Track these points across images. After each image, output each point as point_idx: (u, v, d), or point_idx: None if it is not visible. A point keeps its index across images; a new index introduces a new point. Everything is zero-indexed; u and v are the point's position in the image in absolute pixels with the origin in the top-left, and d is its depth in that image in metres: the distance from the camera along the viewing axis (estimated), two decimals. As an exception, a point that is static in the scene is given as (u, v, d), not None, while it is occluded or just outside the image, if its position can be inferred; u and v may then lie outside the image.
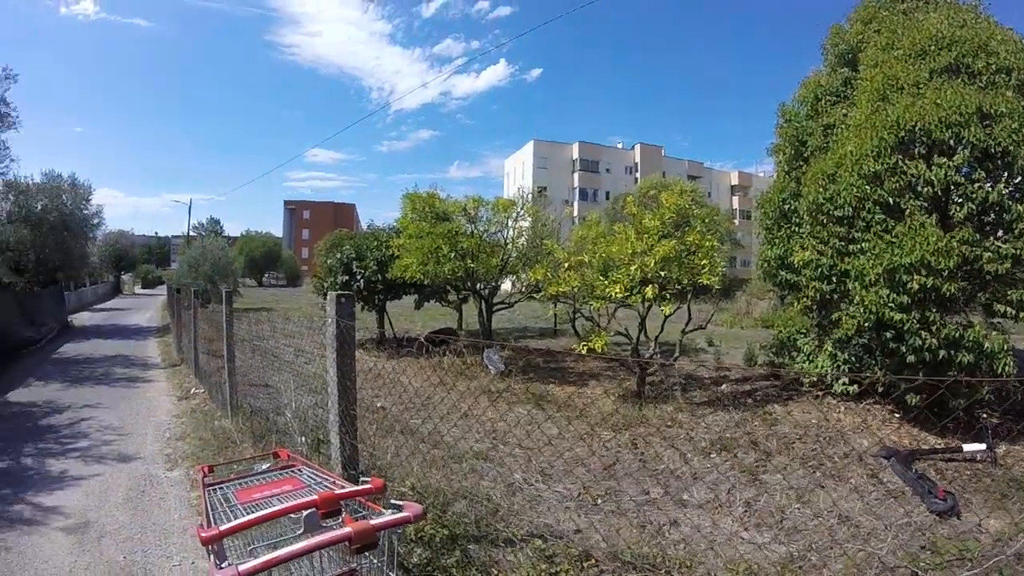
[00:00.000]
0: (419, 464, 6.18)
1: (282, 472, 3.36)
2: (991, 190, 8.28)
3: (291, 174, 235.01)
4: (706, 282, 10.27)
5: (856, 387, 9.82)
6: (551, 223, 17.32)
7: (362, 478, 2.84)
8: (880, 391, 9.48)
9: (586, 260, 11.12)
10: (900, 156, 8.64)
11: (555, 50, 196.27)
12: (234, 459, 6.09)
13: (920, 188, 8.48)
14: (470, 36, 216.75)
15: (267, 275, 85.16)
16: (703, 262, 10.37)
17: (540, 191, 20.68)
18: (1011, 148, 8.12)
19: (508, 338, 20.49)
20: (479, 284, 16.14)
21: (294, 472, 3.32)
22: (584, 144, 73.85)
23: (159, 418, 9.79)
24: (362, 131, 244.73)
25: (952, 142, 8.40)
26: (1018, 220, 8.12)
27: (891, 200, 8.58)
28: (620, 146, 77.94)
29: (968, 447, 7.52)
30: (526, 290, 16.45)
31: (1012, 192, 8.51)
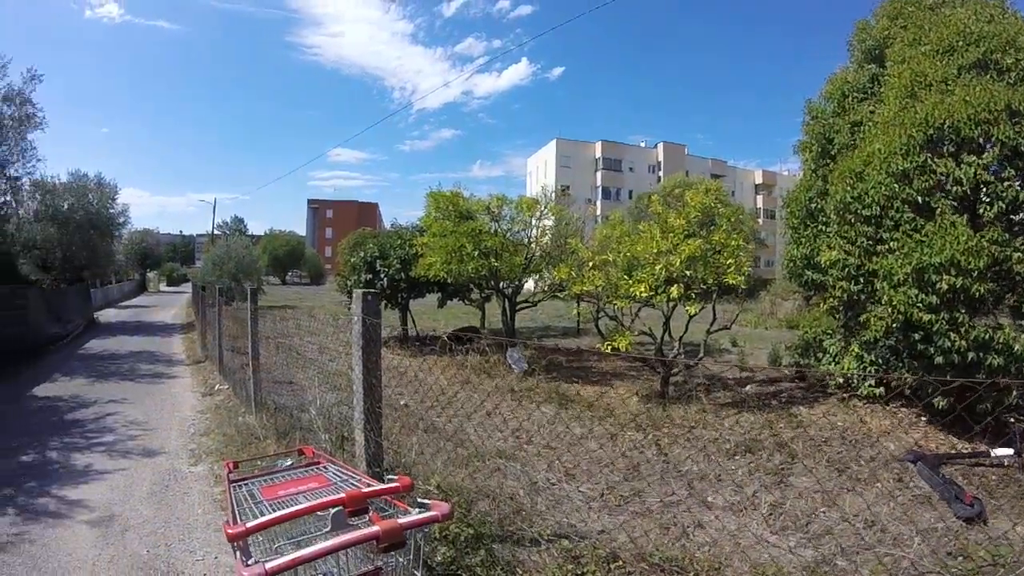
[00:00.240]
0: (443, 462, 6.16)
1: (307, 469, 3.35)
2: (1021, 189, 8.15)
3: (314, 173, 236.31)
4: (732, 282, 10.17)
5: (883, 389, 9.65)
6: (575, 222, 17.25)
7: (388, 476, 2.82)
8: (907, 394, 9.34)
9: (610, 259, 11.05)
10: (929, 154, 8.51)
11: (577, 48, 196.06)
12: (259, 455, 6.12)
13: (949, 187, 8.37)
14: (491, 35, 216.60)
15: (290, 273, 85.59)
16: (728, 261, 10.28)
17: (563, 190, 20.58)
18: (1041, 147, 7.99)
19: (531, 337, 20.46)
20: (502, 283, 16.10)
21: (319, 469, 3.31)
22: (607, 143, 73.54)
23: (183, 414, 9.86)
24: (385, 131, 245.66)
25: (981, 140, 8.29)
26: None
27: (920, 199, 8.45)
28: (643, 145, 77.50)
29: (996, 452, 7.40)
30: (549, 289, 16.42)
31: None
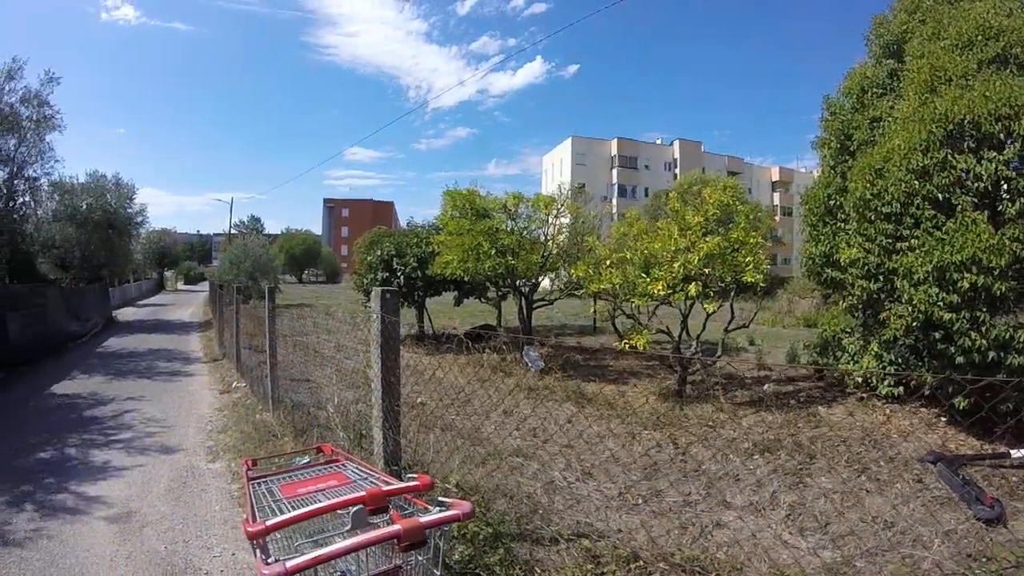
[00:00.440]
0: (460, 461, 6.16)
1: (326, 467, 3.35)
2: (1041, 185, 8.05)
3: (330, 172, 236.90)
4: (750, 280, 10.10)
5: (902, 389, 9.57)
6: (591, 219, 17.21)
7: (407, 474, 2.82)
8: (927, 394, 9.26)
9: (628, 257, 11.00)
10: (949, 150, 8.39)
11: (591, 46, 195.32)
12: (278, 453, 6.14)
13: (970, 183, 8.27)
14: (506, 33, 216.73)
15: (307, 272, 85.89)
16: (747, 259, 10.20)
17: (580, 187, 20.56)
18: (1062, 142, 7.89)
19: (548, 335, 20.44)
20: (519, 281, 16.08)
21: (338, 467, 3.31)
22: (623, 140, 73.29)
23: (201, 411, 9.92)
24: (400, 129, 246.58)
25: (1002, 135, 8.16)
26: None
27: (940, 196, 8.34)
28: (659, 142, 77.24)
29: (1017, 453, 7.30)
30: (566, 287, 16.39)
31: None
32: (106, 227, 25.17)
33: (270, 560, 1.99)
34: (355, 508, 2.39)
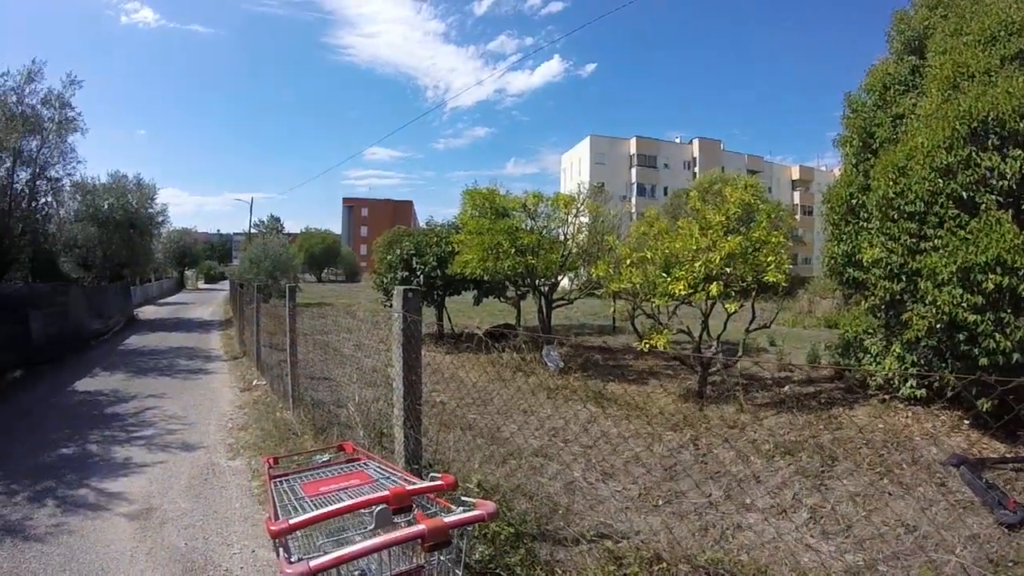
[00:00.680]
0: (480, 460, 6.15)
1: (348, 466, 3.34)
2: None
3: (350, 172, 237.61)
4: (772, 280, 9.97)
5: (924, 391, 9.46)
6: (611, 219, 17.15)
7: (431, 474, 2.81)
8: (950, 396, 9.15)
9: (648, 256, 10.93)
10: (974, 148, 8.26)
11: (609, 44, 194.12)
12: (299, 451, 6.16)
13: (994, 181, 8.16)
14: (523, 33, 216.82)
15: (326, 271, 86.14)
16: (769, 259, 10.09)
17: (599, 187, 20.51)
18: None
19: (567, 335, 20.40)
20: (539, 280, 16.05)
21: (360, 466, 3.30)
22: (642, 139, 73.00)
23: (222, 408, 9.99)
24: (419, 129, 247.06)
25: (1027, 132, 8.07)
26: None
27: (964, 194, 8.22)
28: (678, 140, 76.88)
29: (1042, 457, 7.24)
30: (585, 286, 16.35)
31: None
32: (127, 227, 25.52)
33: (293, 559, 1.98)
34: (379, 507, 2.39)
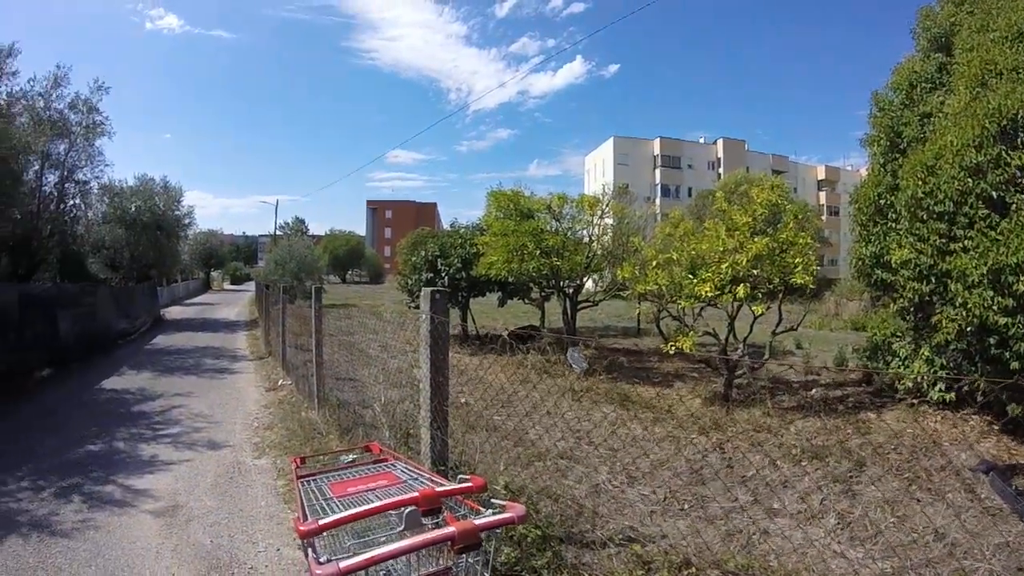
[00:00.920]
0: (505, 462, 6.13)
1: (376, 466, 3.34)
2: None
3: (373, 174, 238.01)
4: (799, 282, 9.84)
5: (954, 395, 9.30)
6: (636, 220, 17.08)
7: (460, 475, 2.79)
8: (979, 401, 9.01)
9: (674, 258, 10.86)
10: (1003, 146, 8.12)
11: (632, 45, 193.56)
12: (325, 451, 6.17)
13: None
14: (545, 34, 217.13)
15: (350, 272, 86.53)
16: (796, 260, 9.96)
17: (624, 188, 20.48)
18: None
19: (591, 337, 20.35)
20: (563, 282, 16.02)
21: (387, 467, 3.30)
22: (665, 139, 72.73)
23: (247, 408, 10.06)
24: (442, 131, 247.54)
25: (1058, 131, 7.92)
26: None
27: (995, 194, 8.07)
28: (702, 141, 76.48)
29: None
30: (610, 288, 16.29)
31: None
32: (154, 228, 25.86)
33: (322, 559, 1.98)
34: (408, 509, 2.38)
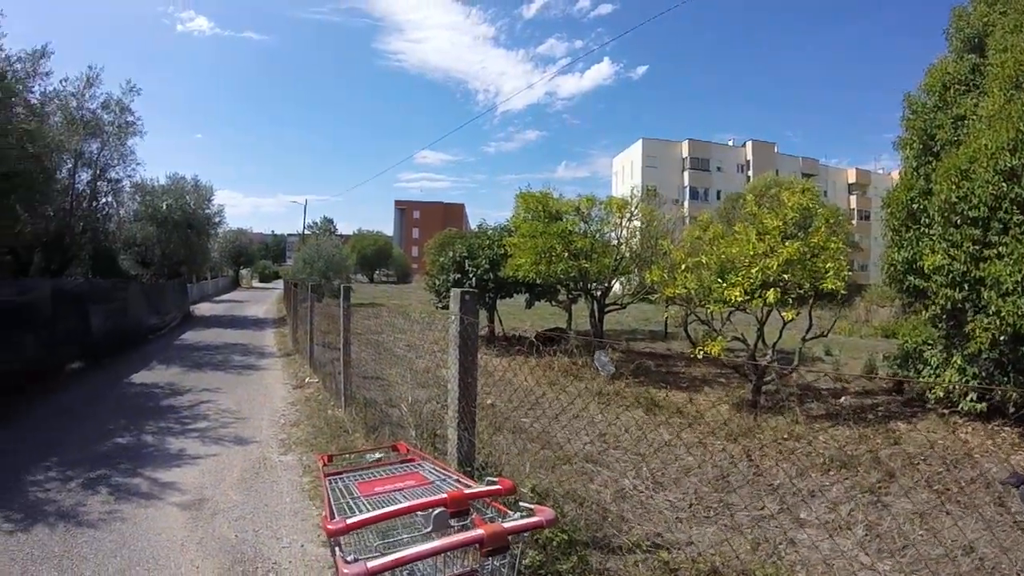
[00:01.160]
0: (530, 465, 6.11)
1: (403, 466, 3.32)
2: None
3: (401, 175, 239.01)
4: (830, 287, 9.68)
5: (985, 406, 9.12)
6: (664, 222, 16.98)
7: (488, 477, 2.77)
8: (1012, 412, 8.84)
9: (703, 261, 10.77)
10: (1039, 150, 8.01)
11: (660, 46, 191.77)
12: (352, 449, 6.20)
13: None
14: (573, 35, 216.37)
15: (378, 272, 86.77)
16: (828, 265, 9.80)
17: (652, 190, 20.42)
18: None
19: (618, 340, 20.28)
20: (591, 284, 15.99)
21: (415, 467, 3.28)
22: (694, 142, 72.14)
23: (274, 404, 10.11)
24: (470, 133, 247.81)
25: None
26: None
27: (1030, 200, 7.97)
28: (731, 143, 75.80)
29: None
30: (638, 291, 16.22)
31: None
32: (185, 226, 26.23)
33: (350, 558, 1.96)
34: (437, 510, 2.36)
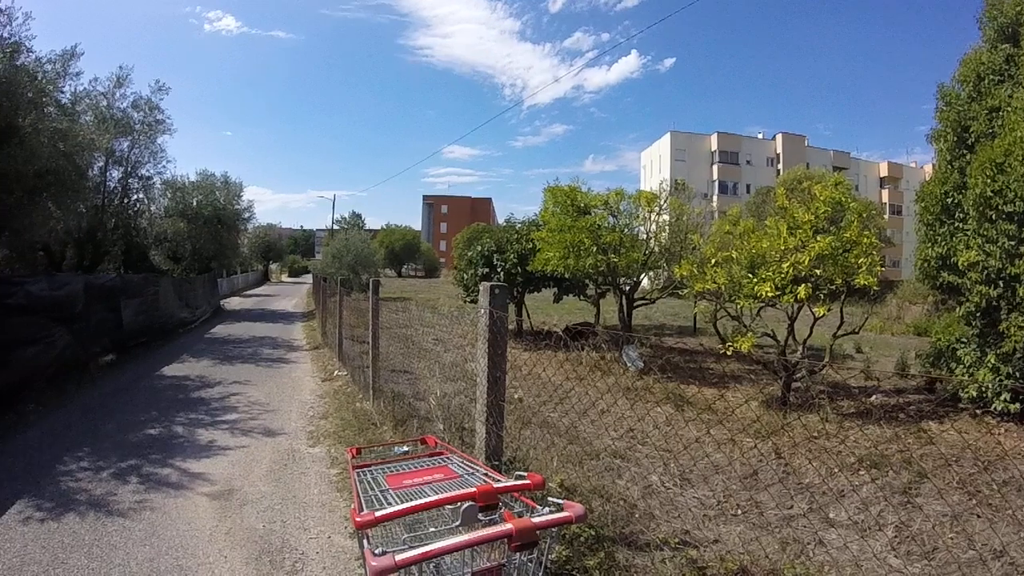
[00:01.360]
0: (558, 460, 6.09)
1: (431, 459, 3.32)
2: None
3: (429, 170, 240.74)
4: (863, 283, 9.49)
5: (1018, 406, 8.91)
6: (694, 217, 16.85)
7: (517, 472, 2.76)
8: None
9: (733, 256, 10.66)
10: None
11: (688, 38, 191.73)
12: (380, 442, 6.23)
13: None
14: (599, 28, 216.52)
15: (406, 266, 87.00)
16: (860, 261, 9.60)
17: (681, 184, 20.32)
18: None
19: (647, 335, 20.21)
20: (620, 279, 15.94)
21: (443, 460, 3.28)
22: (723, 135, 71.35)
23: (303, 397, 10.19)
24: (497, 127, 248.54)
25: None
26: None
27: (1068, 194, 7.81)
28: (760, 136, 74.87)
29: None
30: (667, 286, 16.13)
31: None
32: (215, 222, 26.75)
33: (378, 551, 1.95)
34: (466, 504, 2.35)
